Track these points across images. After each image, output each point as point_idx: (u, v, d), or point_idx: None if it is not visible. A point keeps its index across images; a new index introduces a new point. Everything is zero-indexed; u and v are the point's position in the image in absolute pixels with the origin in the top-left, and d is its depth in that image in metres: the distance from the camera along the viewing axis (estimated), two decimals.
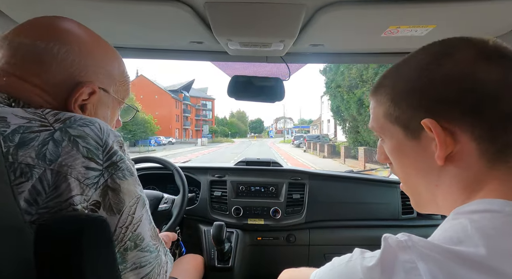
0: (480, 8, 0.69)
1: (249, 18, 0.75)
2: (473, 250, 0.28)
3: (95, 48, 0.52)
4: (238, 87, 1.14)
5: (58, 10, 0.75)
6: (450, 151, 0.35)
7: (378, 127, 0.44)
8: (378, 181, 1.52)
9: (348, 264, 0.35)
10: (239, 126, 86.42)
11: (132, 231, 0.44)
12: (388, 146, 0.43)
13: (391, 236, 0.33)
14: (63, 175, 0.38)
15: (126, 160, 0.45)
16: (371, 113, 0.45)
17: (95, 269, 0.34)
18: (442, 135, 0.34)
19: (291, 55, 1.09)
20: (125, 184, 0.43)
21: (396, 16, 0.73)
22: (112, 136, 0.44)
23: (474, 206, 0.33)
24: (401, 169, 0.43)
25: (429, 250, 0.29)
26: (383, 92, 0.42)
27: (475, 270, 0.27)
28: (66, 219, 0.36)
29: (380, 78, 0.43)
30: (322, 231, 1.41)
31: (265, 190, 1.44)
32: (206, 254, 1.28)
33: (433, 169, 0.37)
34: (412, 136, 0.38)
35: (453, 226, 0.32)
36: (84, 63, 0.49)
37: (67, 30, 0.49)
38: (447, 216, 0.36)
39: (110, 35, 0.92)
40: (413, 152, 0.39)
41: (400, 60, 0.41)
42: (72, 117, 0.42)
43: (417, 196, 0.44)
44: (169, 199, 1.20)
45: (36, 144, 0.38)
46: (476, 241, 0.28)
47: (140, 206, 0.46)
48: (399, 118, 0.39)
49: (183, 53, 1.10)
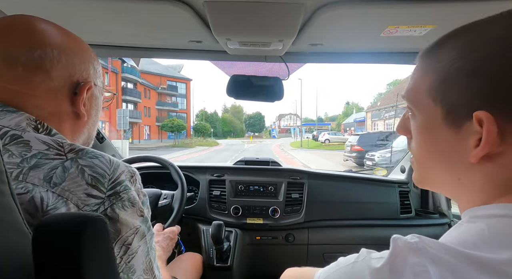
0: (479, 8, 0.69)
1: (248, 18, 0.75)
2: (490, 256, 0.27)
3: (76, 45, 0.52)
4: (237, 87, 1.14)
5: (57, 9, 0.74)
6: (491, 150, 0.31)
7: (413, 99, 0.38)
8: (376, 180, 1.52)
9: (355, 265, 0.35)
10: (234, 124, 69.51)
11: (126, 262, 0.44)
12: (419, 123, 0.38)
13: (400, 238, 0.31)
14: (63, 199, 0.40)
15: (133, 190, 0.46)
16: (411, 79, 0.38)
17: (94, 267, 0.34)
18: (494, 134, 0.30)
19: (290, 54, 1.09)
20: (124, 214, 0.44)
21: (395, 16, 0.73)
22: (122, 167, 0.46)
23: (493, 210, 0.31)
24: (422, 149, 0.38)
25: (441, 253, 0.28)
26: (439, 59, 0.35)
27: (487, 274, 0.26)
28: (65, 217, 0.36)
29: (441, 38, 0.36)
30: (321, 231, 1.41)
31: (264, 189, 1.44)
32: (205, 253, 1.28)
33: (462, 163, 0.34)
34: (453, 123, 0.33)
35: (469, 229, 0.31)
36: (75, 62, 0.51)
37: (51, 32, 0.50)
38: (461, 217, 0.35)
39: (109, 35, 0.92)
40: (446, 140, 0.35)
41: (474, 26, 0.34)
42: (84, 150, 0.45)
43: (425, 174, 0.40)
44: (168, 195, 1.22)
45: (46, 167, 0.41)
46: (493, 246, 0.27)
47: (138, 237, 0.46)
48: (446, 99, 0.33)
49: (182, 53, 1.10)
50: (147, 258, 0.48)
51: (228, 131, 65.68)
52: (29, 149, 0.42)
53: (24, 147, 0.42)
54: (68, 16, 0.78)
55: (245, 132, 69.36)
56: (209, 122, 58.41)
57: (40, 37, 0.48)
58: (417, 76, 0.37)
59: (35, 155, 0.42)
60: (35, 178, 0.40)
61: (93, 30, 0.88)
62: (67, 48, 0.50)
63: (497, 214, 0.30)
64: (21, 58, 0.46)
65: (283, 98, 1.15)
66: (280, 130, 72.67)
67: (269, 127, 77.15)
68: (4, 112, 0.44)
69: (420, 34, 0.83)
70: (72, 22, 0.82)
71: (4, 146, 0.41)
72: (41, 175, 0.40)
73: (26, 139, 0.43)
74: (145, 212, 0.49)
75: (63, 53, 0.49)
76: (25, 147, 0.42)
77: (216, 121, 62.91)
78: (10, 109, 0.45)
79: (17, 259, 0.33)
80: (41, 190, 0.39)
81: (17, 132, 0.43)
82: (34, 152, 0.42)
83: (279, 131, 70.15)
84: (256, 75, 1.15)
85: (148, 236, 0.48)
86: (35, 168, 0.40)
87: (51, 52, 0.47)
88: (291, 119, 75.13)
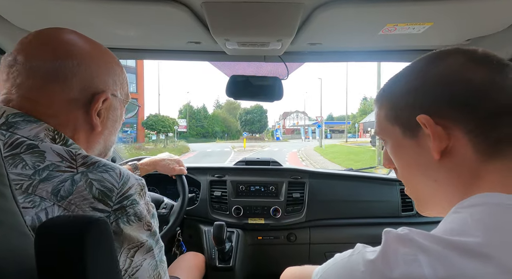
0: (477, 6, 0.69)
1: (246, 18, 0.75)
2: (470, 240, 0.29)
3: (99, 57, 0.53)
4: (236, 87, 1.14)
5: (56, 12, 0.75)
6: (445, 145, 0.37)
7: (380, 131, 0.47)
8: (377, 178, 1.52)
9: (350, 258, 0.37)
10: (229, 123, 54.90)
11: (130, 274, 0.44)
12: (390, 146, 0.46)
13: (391, 230, 0.34)
14: (69, 212, 0.40)
15: (141, 204, 0.46)
16: (375, 119, 0.48)
17: (97, 269, 0.34)
18: (436, 129, 0.37)
19: (289, 54, 1.09)
20: (128, 229, 0.44)
21: (393, 13, 0.73)
22: (132, 180, 0.46)
23: (473, 200, 0.34)
24: (402, 168, 0.45)
25: (429, 242, 0.30)
26: (384, 97, 0.45)
27: (470, 258, 0.28)
28: (67, 219, 0.36)
29: (383, 86, 0.47)
30: (322, 230, 1.41)
31: (265, 189, 1.44)
32: (207, 254, 1.28)
33: (432, 164, 0.39)
34: (411, 134, 0.41)
35: (454, 219, 0.33)
36: (93, 74, 0.51)
37: (74, 43, 0.51)
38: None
39: (108, 37, 0.92)
40: (412, 150, 0.41)
41: (401, 69, 0.45)
42: (96, 163, 0.45)
43: (419, 196, 0.46)
44: (168, 205, 1.19)
45: (56, 180, 0.41)
46: (475, 232, 0.29)
47: (142, 252, 0.45)
48: (398, 118, 0.42)
49: (181, 54, 1.10)
50: (155, 272, 0.47)
51: (221, 131, 51.63)
52: (43, 159, 0.43)
53: (38, 156, 0.43)
54: (65, 18, 0.78)
55: (241, 133, 50.54)
56: (195, 120, 47.46)
57: (61, 48, 0.49)
58: (377, 113, 0.47)
59: (47, 166, 0.42)
60: (43, 191, 0.40)
61: (90, 32, 0.88)
62: (87, 59, 0.51)
63: (478, 203, 0.33)
64: (41, 69, 0.47)
65: (282, 98, 1.15)
66: (285, 131, 60.83)
67: (271, 128, 62.93)
68: (25, 122, 0.45)
69: (419, 32, 0.83)
70: (68, 25, 0.82)
71: (20, 154, 0.42)
72: (50, 188, 0.40)
73: (42, 149, 0.43)
74: (153, 226, 0.48)
75: (83, 64, 0.50)
76: (39, 157, 0.43)
77: (205, 119, 49.65)
78: (31, 119, 0.46)
79: (20, 262, 0.33)
80: (47, 204, 0.40)
81: (34, 142, 0.44)
82: (47, 163, 0.42)
83: (284, 133, 58.00)
84: (255, 76, 1.15)
85: (156, 250, 0.48)
86: (45, 181, 0.41)
87: (71, 63, 0.48)
88: (298, 117, 64.22)
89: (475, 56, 0.39)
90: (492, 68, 0.37)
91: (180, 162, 1.22)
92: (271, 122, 69.30)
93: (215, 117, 53.20)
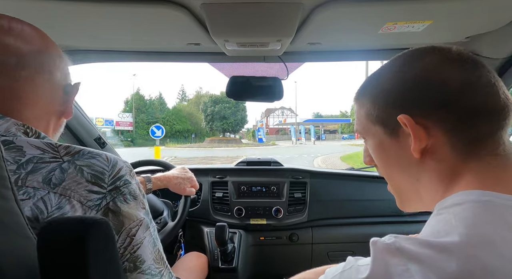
0: (476, 3, 0.69)
1: (245, 19, 0.75)
2: (452, 239, 0.29)
3: (55, 46, 0.54)
4: (236, 88, 1.14)
5: (54, 13, 0.75)
6: (424, 144, 0.38)
7: (361, 129, 0.47)
8: (379, 177, 1.52)
9: (342, 275, 0.37)
10: (196, 120, 39.54)
11: (130, 252, 0.45)
12: (371, 145, 0.46)
13: (378, 240, 0.34)
14: (66, 197, 0.41)
15: (133, 183, 0.48)
16: (355, 117, 0.48)
17: (99, 270, 0.34)
18: (416, 128, 0.37)
19: (289, 54, 1.09)
20: (126, 207, 0.45)
21: (392, 12, 0.73)
22: (120, 163, 0.48)
23: (454, 199, 0.35)
24: (384, 167, 0.46)
25: (417, 248, 0.30)
26: (364, 95, 0.46)
27: (451, 257, 0.28)
28: (70, 220, 0.36)
29: (361, 84, 0.48)
30: (324, 229, 1.41)
31: (267, 190, 1.44)
32: (210, 255, 1.28)
33: (413, 164, 0.40)
34: (392, 134, 0.41)
35: (438, 221, 0.34)
36: (62, 64, 0.53)
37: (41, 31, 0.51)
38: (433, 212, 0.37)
39: (107, 39, 0.93)
40: (394, 149, 0.42)
41: (379, 68, 0.46)
42: (80, 151, 0.46)
43: (401, 194, 0.46)
44: (163, 222, 1.12)
45: (44, 171, 0.42)
46: (460, 231, 0.30)
47: (142, 229, 0.47)
48: (379, 118, 0.42)
49: (181, 55, 1.10)
50: (155, 249, 0.48)
51: (185, 131, 37.08)
52: (22, 153, 0.42)
53: (17, 152, 0.42)
54: (64, 22, 0.79)
55: (217, 133, 35.74)
56: (145, 115, 34.62)
57: (43, 37, 0.50)
58: (357, 111, 0.47)
59: (30, 159, 0.42)
60: (34, 182, 0.40)
61: (89, 35, 0.88)
62: (56, 51, 0.52)
63: (458, 202, 0.33)
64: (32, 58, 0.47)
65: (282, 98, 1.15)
66: (269, 131, 49.68)
67: (252, 128, 51.33)
68: None
69: (418, 30, 0.83)
70: (68, 28, 0.83)
71: None
72: (40, 178, 0.41)
73: (19, 145, 0.43)
74: (146, 205, 0.50)
75: (58, 57, 0.51)
76: (18, 152, 0.42)
77: (161, 113, 36.48)
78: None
79: (22, 264, 0.33)
80: (42, 193, 0.40)
81: (9, 138, 0.43)
82: (29, 156, 0.42)
83: (267, 133, 45.30)
84: (255, 76, 1.15)
85: (151, 228, 0.49)
86: (33, 173, 0.41)
87: (55, 54, 0.50)
88: (284, 115, 51.96)
89: (450, 55, 0.39)
90: (466, 68, 0.38)
91: (193, 181, 1.14)
92: (252, 121, 56.90)
93: (177, 112, 38.45)
